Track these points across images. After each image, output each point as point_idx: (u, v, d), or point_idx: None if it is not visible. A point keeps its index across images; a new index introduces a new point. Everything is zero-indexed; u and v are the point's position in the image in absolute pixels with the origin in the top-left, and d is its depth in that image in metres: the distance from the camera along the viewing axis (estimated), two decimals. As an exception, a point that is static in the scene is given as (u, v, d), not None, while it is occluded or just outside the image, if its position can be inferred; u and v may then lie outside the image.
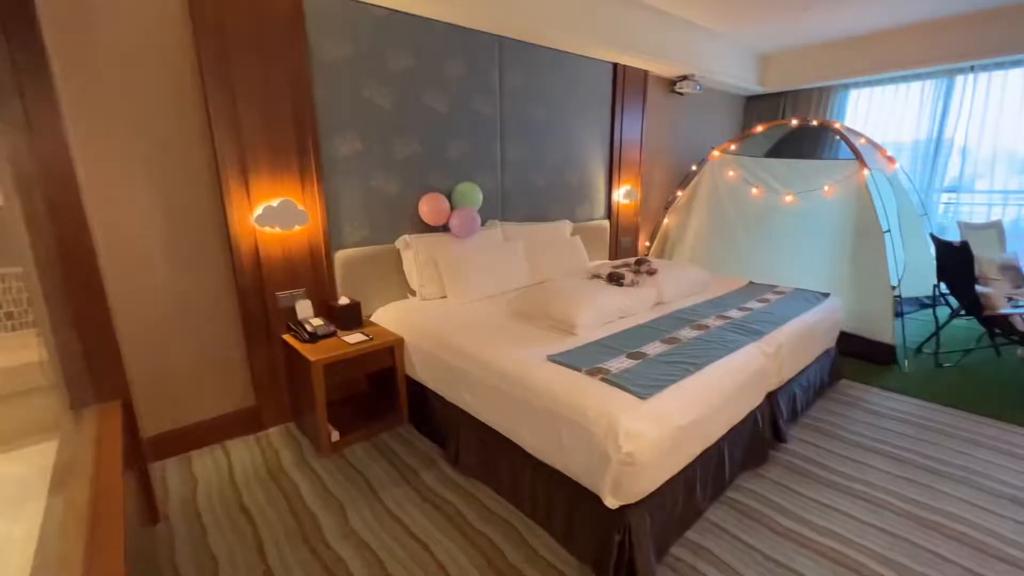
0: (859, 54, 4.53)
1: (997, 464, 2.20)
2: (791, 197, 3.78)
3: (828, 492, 2.02)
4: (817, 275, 3.54)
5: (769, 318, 2.41)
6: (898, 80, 4.66)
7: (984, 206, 4.54)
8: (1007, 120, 4.22)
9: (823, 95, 5.10)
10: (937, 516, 1.87)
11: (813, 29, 4.25)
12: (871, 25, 4.16)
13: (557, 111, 3.56)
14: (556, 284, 2.54)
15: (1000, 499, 1.97)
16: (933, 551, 1.71)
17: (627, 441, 1.46)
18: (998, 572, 1.62)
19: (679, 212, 4.44)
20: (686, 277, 2.88)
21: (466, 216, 2.84)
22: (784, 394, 2.36)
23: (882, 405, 2.75)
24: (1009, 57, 3.91)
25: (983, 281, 3.64)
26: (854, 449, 2.32)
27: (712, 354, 1.97)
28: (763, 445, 2.20)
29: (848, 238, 3.45)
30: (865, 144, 3.85)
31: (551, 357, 1.92)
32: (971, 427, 2.51)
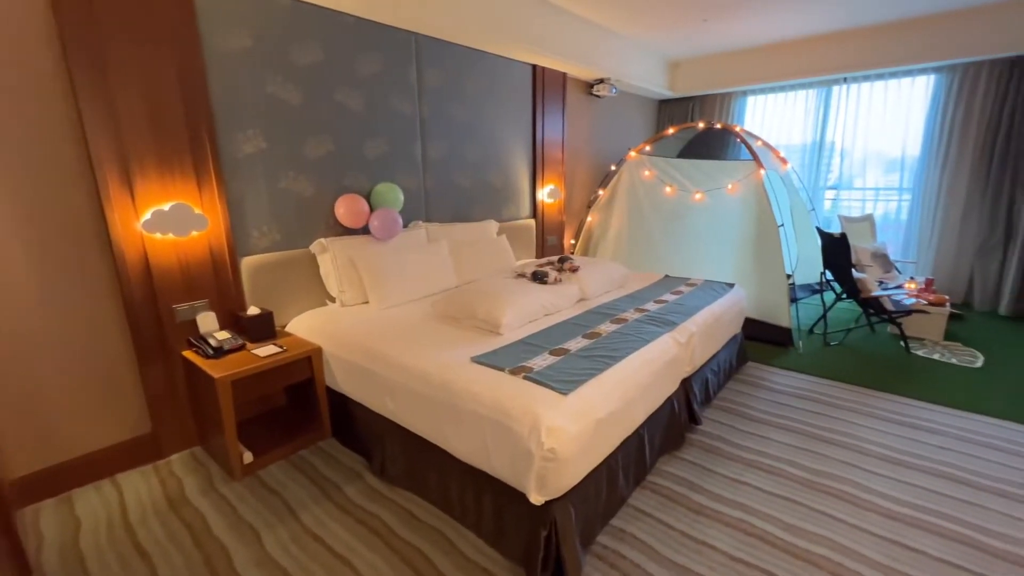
0: (754, 64, 4.97)
1: (874, 429, 2.49)
2: (700, 195, 4.06)
3: (737, 467, 2.18)
4: (725, 267, 3.83)
5: (682, 309, 2.56)
6: (787, 89, 5.17)
7: (859, 201, 5.14)
8: (875, 126, 4.82)
9: (726, 100, 5.52)
10: (826, 480, 2.09)
11: (715, 40, 4.59)
12: (763, 39, 4.57)
13: (478, 111, 3.55)
14: (481, 284, 2.54)
15: (878, 460, 2.23)
16: (823, 511, 1.90)
17: (549, 437, 1.48)
18: (875, 524, 1.83)
19: (601, 210, 4.61)
20: (607, 273, 2.99)
21: (386, 217, 2.75)
22: (697, 379, 2.51)
23: (781, 383, 3.03)
24: (874, 71, 4.46)
25: (859, 267, 4.14)
26: (758, 425, 2.53)
27: (630, 346, 2.05)
28: (680, 429, 2.33)
29: (749, 232, 3.76)
30: (761, 146, 4.21)
31: (475, 359, 1.90)
32: (854, 397, 2.83)
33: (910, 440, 2.38)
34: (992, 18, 3.78)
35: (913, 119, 4.58)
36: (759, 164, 3.77)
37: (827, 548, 1.72)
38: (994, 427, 2.49)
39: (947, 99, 4.29)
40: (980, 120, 4.15)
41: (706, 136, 4.62)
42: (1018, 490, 2.01)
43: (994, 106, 4.08)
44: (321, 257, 2.66)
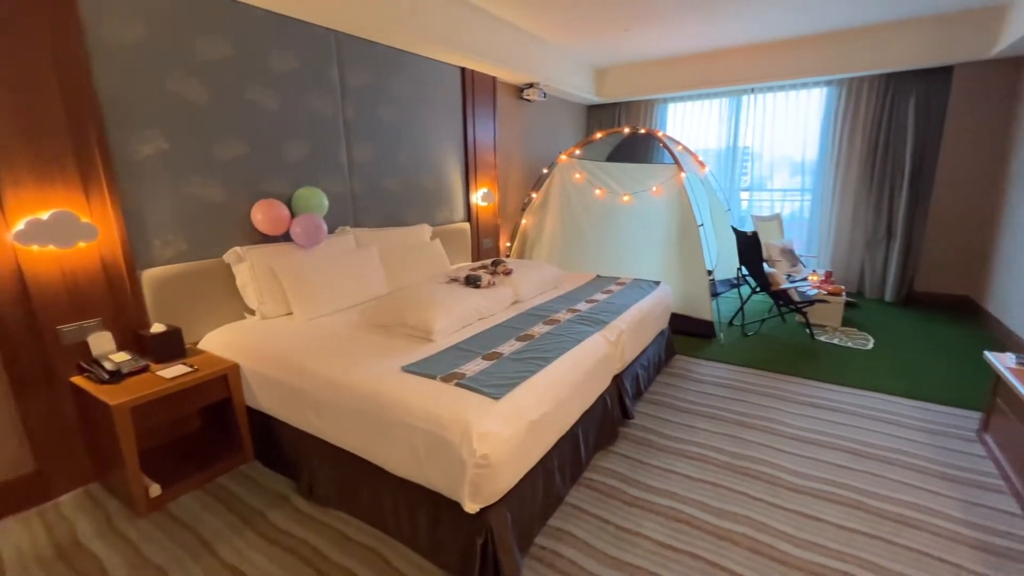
0: (673, 74, 5.26)
1: (786, 411, 2.71)
2: (628, 197, 4.22)
3: (667, 457, 2.29)
4: (652, 265, 4.02)
5: (611, 308, 2.64)
6: (703, 97, 5.52)
7: (769, 202, 5.60)
8: (780, 133, 5.27)
9: (649, 107, 5.81)
10: (745, 462, 2.24)
11: (637, 49, 4.81)
12: (681, 50, 4.85)
13: (407, 112, 3.47)
14: (412, 291, 2.48)
15: (788, 439, 2.43)
16: (742, 492, 2.03)
17: (481, 443, 1.46)
18: (786, 499, 1.98)
19: (535, 213, 4.67)
20: (540, 275, 3.03)
21: (309, 223, 2.62)
22: (628, 375, 2.61)
23: (706, 373, 3.22)
24: (776, 82, 4.87)
25: (770, 263, 4.50)
26: (685, 415, 2.67)
27: (562, 346, 2.09)
28: (613, 424, 2.41)
29: (673, 232, 3.97)
30: (682, 151, 4.47)
31: (406, 367, 1.85)
32: (768, 383, 3.06)
33: (815, 419, 2.61)
34: (871, 39, 4.25)
35: (811, 127, 5.06)
36: (680, 168, 3.98)
37: (746, 526, 1.84)
38: (883, 402, 2.79)
39: (837, 109, 4.78)
40: (864, 128, 4.66)
41: (632, 141, 4.83)
42: (901, 456, 2.26)
43: (875, 116, 4.60)
44: (237, 267, 2.48)
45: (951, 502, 1.95)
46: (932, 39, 4.04)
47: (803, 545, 1.75)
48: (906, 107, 4.44)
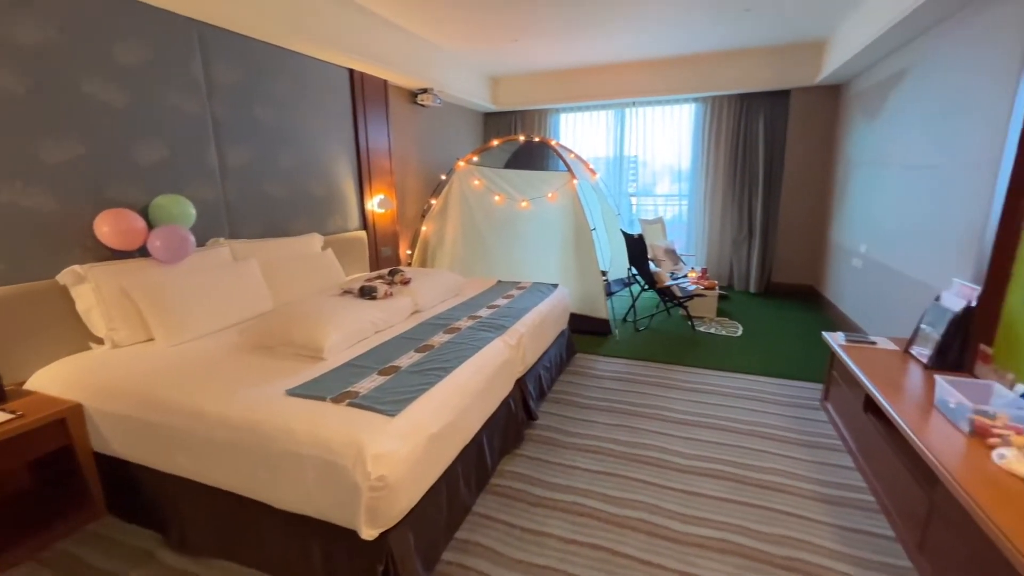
0: (564, 85, 5.53)
1: (674, 398, 2.95)
2: (526, 203, 4.34)
3: (569, 454, 2.37)
4: (551, 268, 4.16)
5: (512, 312, 2.68)
6: (591, 108, 5.87)
7: (654, 206, 6.11)
8: (660, 143, 5.77)
9: (543, 116, 6.03)
10: (639, 450, 2.39)
11: (529, 60, 4.97)
12: (569, 63, 5.11)
13: (289, 114, 3.23)
14: (299, 306, 2.29)
15: (675, 424, 2.64)
16: (636, 478, 2.17)
17: (377, 465, 1.39)
18: (674, 480, 2.15)
19: (435, 219, 4.61)
20: (440, 283, 2.99)
21: (172, 236, 2.31)
22: (531, 377, 2.66)
23: (604, 369, 3.40)
24: (653, 97, 5.34)
25: (656, 262, 4.90)
26: (586, 411, 2.80)
27: (462, 355, 2.07)
28: (518, 427, 2.44)
29: (569, 236, 4.15)
30: (574, 159, 4.70)
31: (291, 391, 1.70)
32: (658, 373, 3.32)
33: (697, 403, 2.88)
34: (728, 63, 4.84)
35: (684, 139, 5.62)
36: (572, 175, 4.18)
37: (641, 511, 1.96)
38: (750, 381, 3.16)
39: (704, 124, 5.36)
40: (726, 141, 5.29)
41: (527, 148, 4.97)
42: (765, 429, 2.57)
43: (733, 131, 5.24)
44: (77, 289, 2.10)
45: (803, 464, 2.26)
46: (774, 67, 4.71)
47: (690, 521, 1.91)
48: (757, 124, 5.12)
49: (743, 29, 4.09)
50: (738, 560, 1.71)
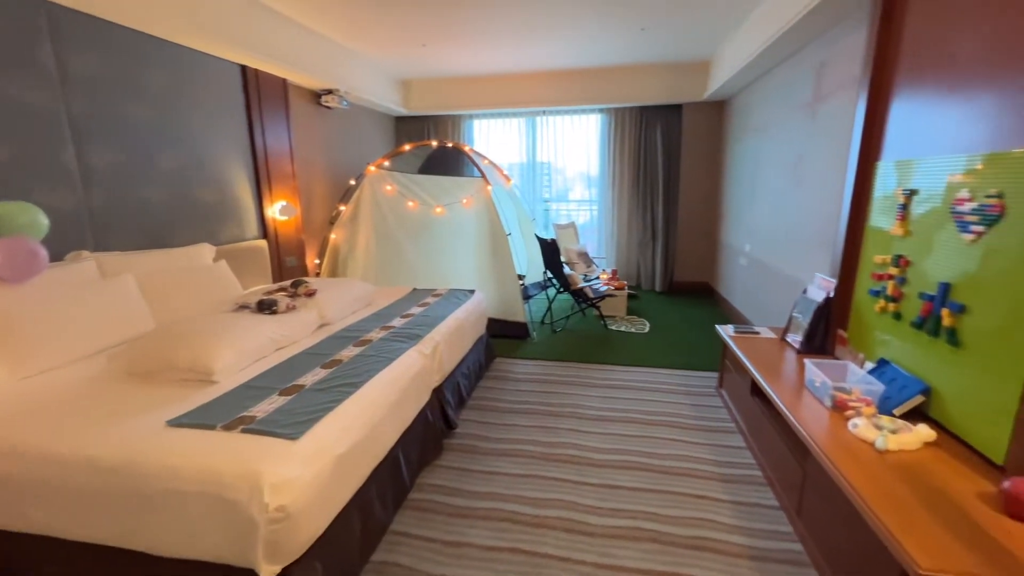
0: (476, 92, 5.56)
1: (589, 395, 3.07)
2: (440, 209, 4.29)
3: (490, 460, 2.36)
4: (468, 274, 4.15)
5: (427, 321, 2.63)
6: (504, 116, 5.97)
7: (567, 211, 6.34)
8: (570, 151, 6.01)
9: (456, 122, 6.02)
10: (557, 449, 2.45)
11: (440, 66, 4.93)
12: (481, 71, 5.15)
13: (170, 111, 2.91)
14: (185, 324, 2.06)
15: (591, 420, 2.75)
16: (554, 477, 2.22)
17: (276, 495, 1.27)
18: (590, 475, 2.23)
19: (345, 226, 4.40)
20: (349, 293, 2.85)
21: (16, 250, 1.96)
22: (449, 385, 2.62)
23: (522, 372, 3.45)
24: (562, 107, 5.55)
25: (570, 265, 5.08)
26: (505, 415, 2.81)
27: (374, 368, 1.98)
28: (437, 437, 2.39)
29: (485, 241, 4.17)
30: (488, 165, 4.73)
31: (173, 421, 1.51)
32: (574, 372, 3.44)
33: (610, 398, 3.02)
34: (628, 78, 5.17)
35: (592, 147, 5.91)
36: (486, 181, 4.21)
37: (559, 509, 2.00)
38: (659, 375, 3.38)
39: (609, 133, 5.68)
40: (629, 150, 5.64)
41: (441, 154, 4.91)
42: (671, 418, 2.76)
43: (635, 141, 5.61)
44: None
45: (703, 447, 2.46)
46: (668, 83, 5.11)
47: (605, 513, 1.98)
48: (656, 135, 5.53)
49: (641, 47, 4.40)
50: (651, 546, 1.81)
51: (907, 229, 1.93)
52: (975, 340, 1.57)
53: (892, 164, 2.05)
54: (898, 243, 1.98)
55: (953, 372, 1.66)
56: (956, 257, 1.66)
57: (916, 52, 1.94)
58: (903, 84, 2.01)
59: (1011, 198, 1.45)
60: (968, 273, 1.60)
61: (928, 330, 1.77)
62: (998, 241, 1.49)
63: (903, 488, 1.40)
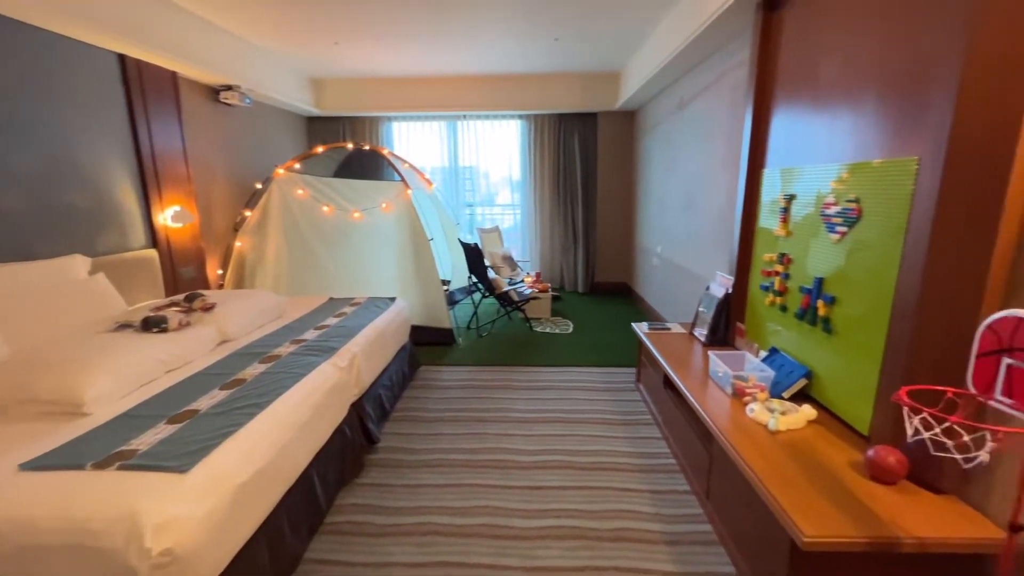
0: (395, 94, 5.42)
1: (516, 398, 3.09)
2: (358, 214, 4.12)
3: (415, 472, 2.29)
4: (390, 281, 4.02)
5: (344, 332, 2.50)
6: (424, 119, 5.87)
7: (491, 215, 6.37)
8: (492, 155, 6.04)
9: (374, 124, 5.82)
10: (483, 455, 2.44)
11: (355, 65, 4.74)
12: (398, 72, 5.02)
13: (25, 103, 2.51)
14: (48, 350, 1.78)
15: (517, 423, 2.76)
16: (481, 484, 2.20)
17: (160, 537, 1.13)
18: (516, 478, 2.24)
19: (252, 233, 4.08)
20: (255, 305, 2.63)
21: None
22: (369, 399, 2.51)
23: (449, 379, 3.40)
24: (482, 112, 5.57)
25: (496, 269, 5.11)
26: (431, 424, 2.75)
27: (281, 385, 1.84)
28: (357, 454, 2.27)
29: (407, 247, 4.07)
30: (408, 168, 4.63)
31: (28, 464, 1.30)
32: (501, 376, 3.44)
33: (536, 399, 3.06)
34: (545, 86, 5.31)
35: (513, 152, 5.99)
36: (406, 184, 4.11)
37: (485, 516, 1.99)
38: (582, 373, 3.49)
39: (529, 139, 5.79)
40: (548, 156, 5.79)
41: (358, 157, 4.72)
42: (594, 415, 2.85)
43: (555, 147, 5.77)
44: None
45: (623, 441, 2.56)
46: (583, 92, 5.32)
47: (531, 515, 1.99)
48: (573, 141, 5.73)
49: (556, 56, 4.53)
50: (575, 543, 1.84)
51: (789, 230, 2.15)
52: (844, 327, 1.78)
53: (775, 171, 2.28)
54: (782, 243, 2.20)
55: (828, 357, 1.87)
56: (827, 254, 1.88)
57: (790, 71, 2.17)
58: (781, 100, 2.25)
59: (866, 202, 1.66)
60: (836, 269, 1.82)
61: (808, 320, 1.98)
62: (858, 240, 1.70)
63: (791, 464, 1.55)
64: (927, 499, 1.38)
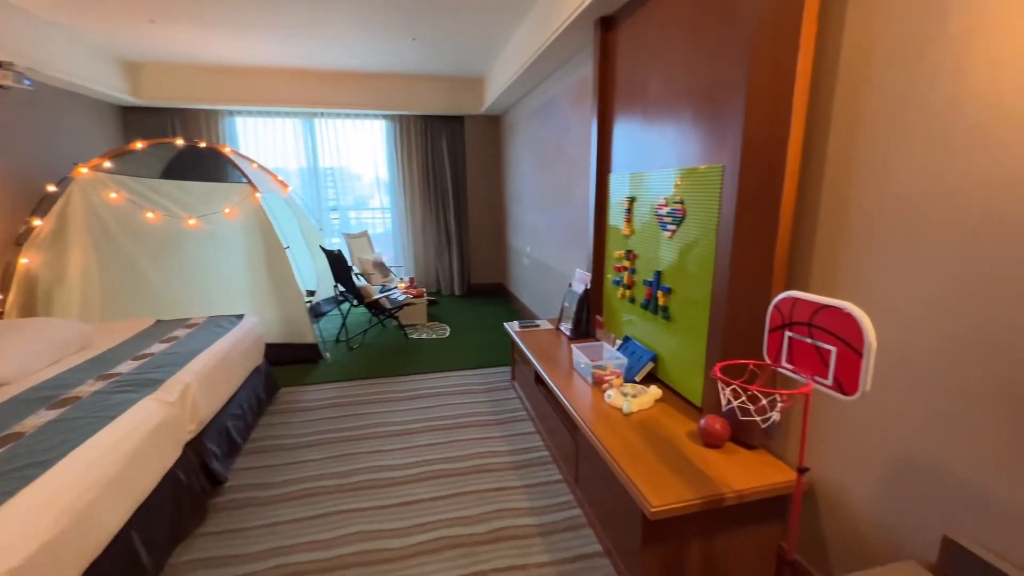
0: (237, 85, 4.82)
1: (391, 411, 2.94)
2: (195, 221, 3.57)
3: (272, 510, 2.04)
4: (240, 296, 3.56)
5: (173, 359, 2.13)
6: (274, 115, 5.32)
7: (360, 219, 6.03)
8: (356, 156, 5.71)
9: (213, 118, 5.12)
10: (355, 477, 2.27)
11: (182, 48, 4.09)
12: (237, 59, 4.47)
13: None
14: None
15: (392, 437, 2.63)
16: (353, 508, 2.04)
17: None
18: (392, 496, 2.12)
19: (46, 247, 3.29)
20: (43, 338, 2.12)
21: None
22: (212, 433, 2.18)
23: (314, 399, 3.11)
24: (342, 110, 5.24)
25: (366, 276, 4.84)
26: (294, 452, 2.48)
27: (78, 435, 1.49)
28: (197, 501, 1.95)
29: (259, 257, 3.64)
30: (256, 169, 4.15)
31: None
32: (374, 389, 3.26)
33: (412, 409, 2.95)
34: (410, 87, 5.18)
35: (379, 154, 5.74)
36: (254, 187, 3.68)
37: (357, 543, 1.85)
38: (460, 377, 3.46)
39: (395, 140, 5.61)
40: (417, 158, 5.67)
41: (191, 155, 4.09)
42: (471, 417, 2.84)
43: (423, 149, 5.67)
44: None
45: (499, 440, 2.59)
46: (449, 95, 5.30)
47: (407, 532, 1.90)
48: (441, 144, 5.69)
49: (418, 57, 4.44)
50: (452, 552, 1.80)
51: (632, 229, 2.37)
52: (679, 314, 2.01)
53: (619, 175, 2.50)
54: (628, 240, 2.42)
55: (668, 341, 2.10)
56: (662, 250, 2.10)
57: (626, 86, 2.40)
58: (620, 111, 2.47)
59: (689, 203, 1.89)
60: (670, 262, 2.05)
61: (651, 309, 2.20)
62: (685, 236, 1.93)
63: (641, 442, 1.70)
64: (744, 456, 1.61)
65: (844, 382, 1.06)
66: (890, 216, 1.23)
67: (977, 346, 1.06)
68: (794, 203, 1.48)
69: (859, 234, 1.31)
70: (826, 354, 1.10)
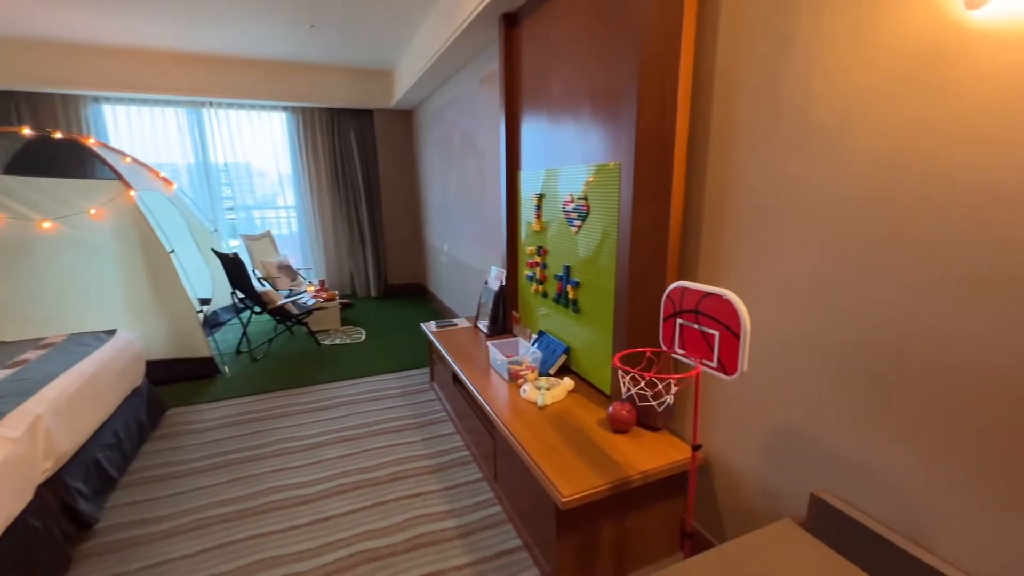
0: (108, 67, 4.22)
1: (296, 425, 2.74)
2: (49, 224, 3.07)
3: (157, 548, 1.81)
4: (114, 309, 3.13)
5: (16, 388, 1.81)
6: (153, 104, 4.73)
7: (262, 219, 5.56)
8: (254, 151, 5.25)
9: (72, 104, 4.43)
10: (258, 500, 2.08)
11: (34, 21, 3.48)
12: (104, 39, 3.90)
13: None
14: None
15: (299, 452, 2.45)
16: (255, 534, 1.87)
17: None
18: (300, 515, 1.98)
19: None
20: None
21: None
22: (76, 470, 1.88)
23: (209, 419, 2.82)
24: (236, 100, 4.78)
25: (271, 280, 4.48)
26: (184, 480, 2.23)
27: None
28: (55, 551, 1.67)
29: (137, 263, 3.21)
30: (131, 164, 3.67)
31: None
32: (280, 402, 3.02)
33: (323, 421, 2.78)
34: (313, 78, 4.86)
35: (281, 148, 5.33)
36: (127, 185, 3.25)
37: (261, 571, 1.69)
38: (376, 382, 3.32)
39: (298, 133, 5.24)
40: (323, 153, 5.35)
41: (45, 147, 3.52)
42: (389, 423, 2.74)
43: (329, 143, 5.36)
44: None
45: (418, 444, 2.52)
46: (356, 87, 5.05)
47: (318, 552, 1.78)
48: (350, 138, 5.41)
49: (319, 46, 4.17)
50: (368, 567, 1.71)
51: (543, 225, 2.41)
52: (587, 307, 2.07)
53: (528, 173, 2.52)
54: (539, 237, 2.46)
55: (579, 332, 2.17)
56: (570, 245, 2.16)
57: (531, 84, 2.42)
58: (526, 109, 2.49)
59: (592, 200, 1.95)
60: (578, 257, 2.10)
61: (562, 303, 2.25)
62: (589, 231, 2.00)
63: (555, 434, 1.73)
64: (649, 438, 1.70)
65: (726, 363, 1.15)
66: (755, 211, 1.36)
67: (834, 327, 1.20)
68: (683, 197, 1.59)
69: (733, 227, 1.43)
70: (711, 338, 1.18)
